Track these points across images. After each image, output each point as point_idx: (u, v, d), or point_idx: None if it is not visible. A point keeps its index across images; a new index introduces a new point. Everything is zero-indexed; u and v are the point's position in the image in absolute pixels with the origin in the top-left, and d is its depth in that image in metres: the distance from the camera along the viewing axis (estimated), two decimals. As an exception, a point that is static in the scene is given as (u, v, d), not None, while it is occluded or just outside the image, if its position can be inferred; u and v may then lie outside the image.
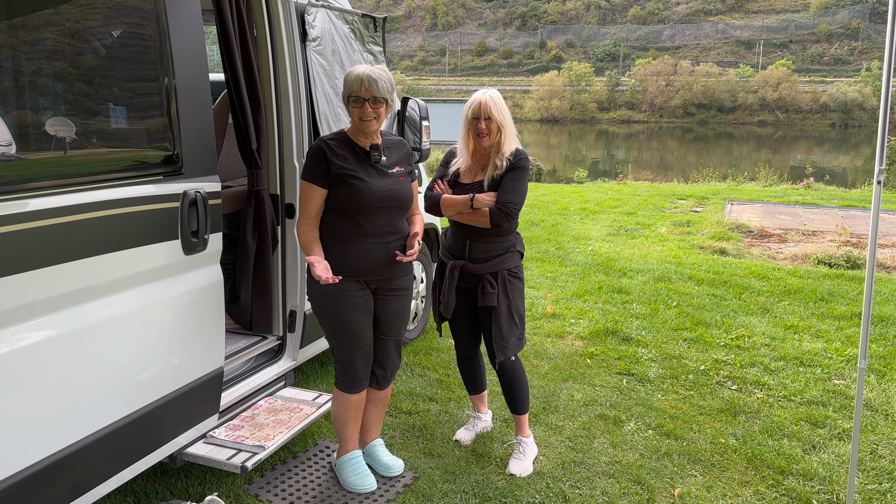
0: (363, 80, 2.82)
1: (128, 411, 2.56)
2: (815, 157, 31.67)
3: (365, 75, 2.82)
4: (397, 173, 3.01)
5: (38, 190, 2.19)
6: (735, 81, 61.88)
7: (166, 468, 3.24)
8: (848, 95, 55.91)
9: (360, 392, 3.13)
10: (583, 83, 65.32)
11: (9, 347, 2.13)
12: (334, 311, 2.97)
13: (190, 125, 2.73)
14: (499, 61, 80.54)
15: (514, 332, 3.30)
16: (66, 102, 2.30)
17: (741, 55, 73.70)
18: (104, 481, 2.52)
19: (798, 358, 4.75)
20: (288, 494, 3.12)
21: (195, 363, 2.87)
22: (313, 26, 3.67)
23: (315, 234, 2.94)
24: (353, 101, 2.86)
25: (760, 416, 3.93)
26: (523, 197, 3.19)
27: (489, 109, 3.14)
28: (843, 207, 11.40)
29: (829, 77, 64.51)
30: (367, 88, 2.82)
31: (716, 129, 54.00)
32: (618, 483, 3.24)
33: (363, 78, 2.82)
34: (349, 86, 2.86)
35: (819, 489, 3.22)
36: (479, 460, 3.43)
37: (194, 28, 2.75)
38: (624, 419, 3.87)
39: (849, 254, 7.50)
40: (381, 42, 4.33)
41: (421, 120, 4.53)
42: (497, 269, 3.25)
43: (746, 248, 8.26)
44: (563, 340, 5.10)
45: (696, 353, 4.84)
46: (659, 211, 11.04)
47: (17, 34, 2.14)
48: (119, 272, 2.48)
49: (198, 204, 2.77)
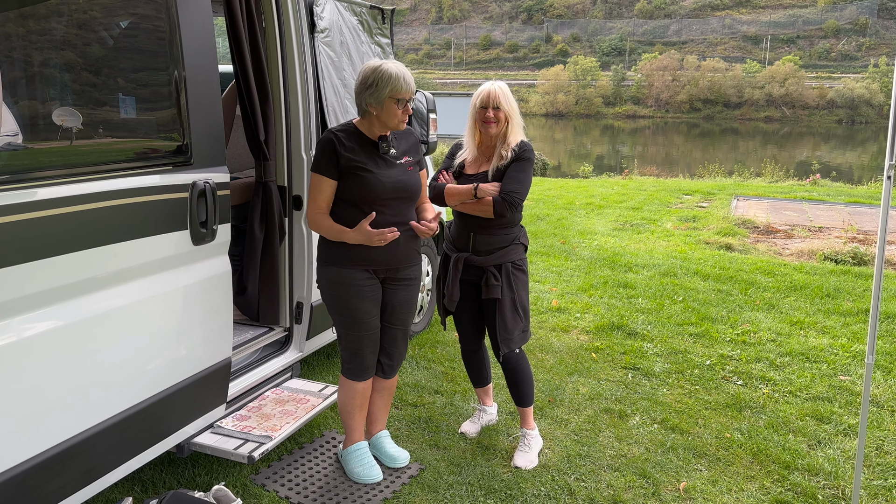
0: (407, 80, 2.83)
1: (136, 401, 2.57)
2: (821, 154, 31.53)
3: (406, 75, 2.83)
4: (406, 163, 3.01)
5: (47, 179, 2.20)
6: (741, 77, 61.57)
7: (174, 458, 3.26)
8: (855, 92, 55.59)
9: (366, 380, 3.14)
10: (588, 78, 65.08)
11: (18, 336, 2.14)
12: (343, 299, 2.98)
13: (199, 116, 2.74)
14: (504, 55, 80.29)
15: (518, 325, 3.30)
16: (75, 93, 2.30)
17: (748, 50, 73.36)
18: (112, 470, 2.53)
19: (804, 354, 4.75)
20: (294, 485, 3.13)
21: (203, 353, 2.88)
22: (321, 17, 3.66)
23: (331, 220, 2.94)
24: (397, 101, 2.84)
25: (766, 411, 3.92)
26: (527, 187, 3.19)
27: (497, 99, 3.14)
28: (850, 204, 11.35)
29: (837, 73, 64.16)
30: (408, 89, 2.83)
31: (722, 124, 53.80)
32: (623, 476, 3.24)
33: (406, 77, 2.83)
34: (393, 85, 2.80)
35: (824, 484, 3.22)
36: (484, 452, 3.44)
37: (204, 18, 2.75)
38: (629, 413, 3.87)
39: (855, 250, 7.48)
40: (388, 34, 4.32)
41: (428, 112, 4.52)
42: (501, 261, 3.25)
43: (752, 244, 8.24)
44: (568, 334, 5.10)
45: (701, 348, 4.84)
46: (664, 206, 11.01)
47: (26, 24, 2.15)
48: (128, 262, 2.49)
49: (207, 194, 2.77)
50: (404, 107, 2.86)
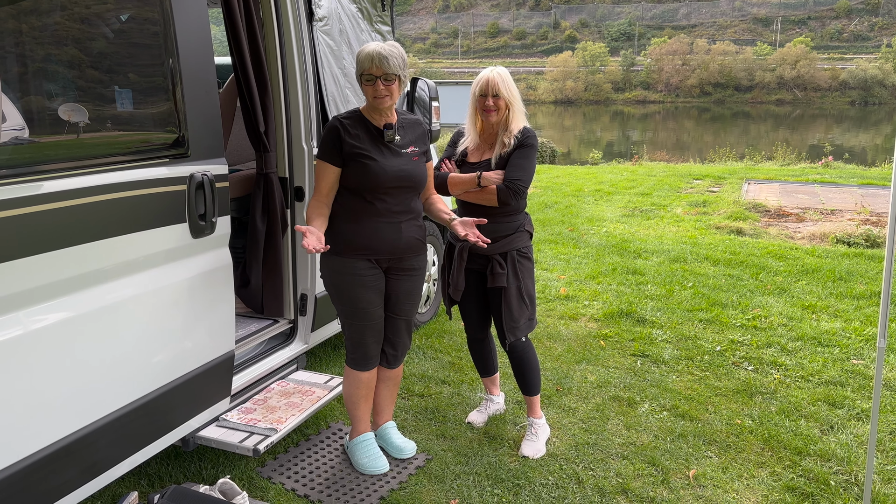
0: (374, 57, 2.79)
1: (139, 394, 2.56)
2: (833, 136, 31.19)
3: (375, 52, 2.79)
4: (411, 153, 2.98)
5: (46, 173, 2.18)
6: (752, 60, 60.95)
7: (179, 451, 3.26)
8: (868, 72, 54.91)
9: (370, 370, 3.13)
10: (597, 63, 64.64)
11: (19, 331, 2.13)
12: (345, 288, 2.96)
13: (195, 108, 2.71)
14: (512, 42, 79.87)
15: (524, 313, 3.27)
16: (70, 86, 2.28)
17: (758, 33, 72.54)
18: (117, 464, 2.53)
19: (816, 338, 4.69)
20: (300, 476, 3.12)
21: (205, 346, 2.87)
22: (320, 6, 3.62)
23: (321, 210, 2.91)
24: (365, 79, 2.83)
25: (777, 396, 3.88)
26: (531, 174, 3.15)
27: (497, 86, 3.09)
28: (863, 186, 11.21)
29: (849, 54, 63.35)
30: (378, 66, 2.79)
31: (733, 108, 53.33)
32: (632, 464, 3.21)
33: (374, 55, 2.79)
34: (360, 64, 2.83)
35: (837, 470, 3.18)
36: (491, 442, 3.42)
37: (198, 9, 2.72)
38: (638, 401, 3.84)
39: (868, 232, 7.38)
40: (389, 21, 4.27)
41: (430, 100, 4.48)
42: (506, 249, 3.21)
43: (763, 228, 8.15)
44: (576, 322, 5.06)
45: (711, 334, 4.79)
46: (674, 191, 10.92)
47: (23, 19, 2.12)
48: (127, 255, 2.47)
49: (205, 187, 2.75)
50: (374, 83, 2.81)
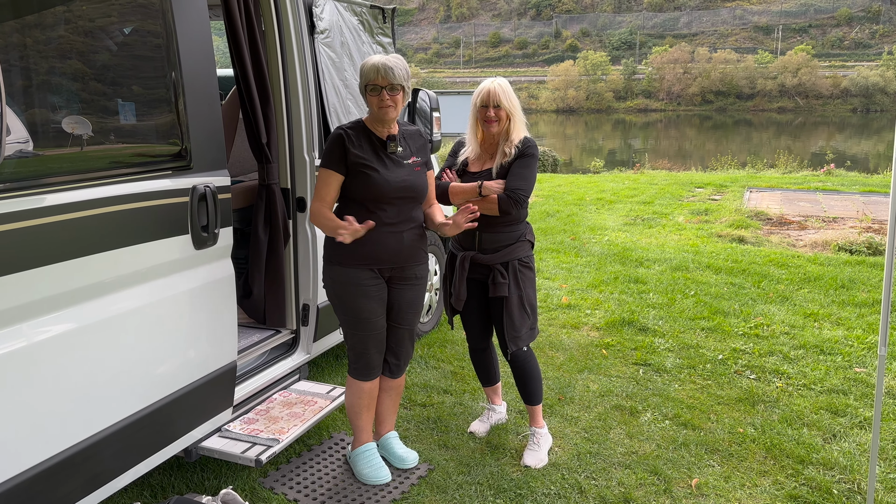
0: (379, 68, 2.83)
1: (141, 406, 2.57)
2: (835, 143, 31.18)
3: (381, 64, 2.83)
4: (413, 164, 3.00)
5: (51, 186, 2.20)
6: (753, 68, 61.04)
7: (182, 462, 3.27)
8: (869, 80, 54.95)
9: (372, 380, 3.13)
10: (599, 72, 64.78)
11: (22, 343, 2.14)
12: (347, 298, 2.98)
13: (198, 120, 2.73)
14: (514, 52, 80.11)
15: (525, 323, 3.27)
16: (74, 99, 2.30)
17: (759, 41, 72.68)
18: (120, 475, 2.53)
19: (818, 346, 4.68)
20: (303, 487, 3.13)
21: (207, 357, 2.88)
22: (321, 18, 3.66)
23: (331, 213, 2.93)
24: (370, 90, 2.87)
25: (780, 405, 3.87)
26: (532, 184, 3.17)
27: (497, 97, 3.12)
28: (865, 193, 11.21)
29: (850, 61, 63.42)
30: (383, 76, 2.82)
31: (734, 116, 53.36)
32: (634, 474, 3.21)
33: (379, 66, 2.83)
34: (366, 75, 2.87)
35: (840, 478, 3.17)
36: (493, 452, 3.42)
37: (200, 23, 2.75)
38: (640, 410, 3.83)
39: (870, 240, 7.38)
40: (390, 33, 4.31)
41: (431, 111, 4.51)
42: (507, 258, 3.22)
43: (765, 236, 8.16)
44: (578, 331, 5.06)
45: (713, 343, 4.79)
46: (676, 200, 10.93)
47: (27, 33, 2.15)
48: (130, 267, 2.49)
49: (207, 198, 2.77)
50: (379, 94, 2.85)
